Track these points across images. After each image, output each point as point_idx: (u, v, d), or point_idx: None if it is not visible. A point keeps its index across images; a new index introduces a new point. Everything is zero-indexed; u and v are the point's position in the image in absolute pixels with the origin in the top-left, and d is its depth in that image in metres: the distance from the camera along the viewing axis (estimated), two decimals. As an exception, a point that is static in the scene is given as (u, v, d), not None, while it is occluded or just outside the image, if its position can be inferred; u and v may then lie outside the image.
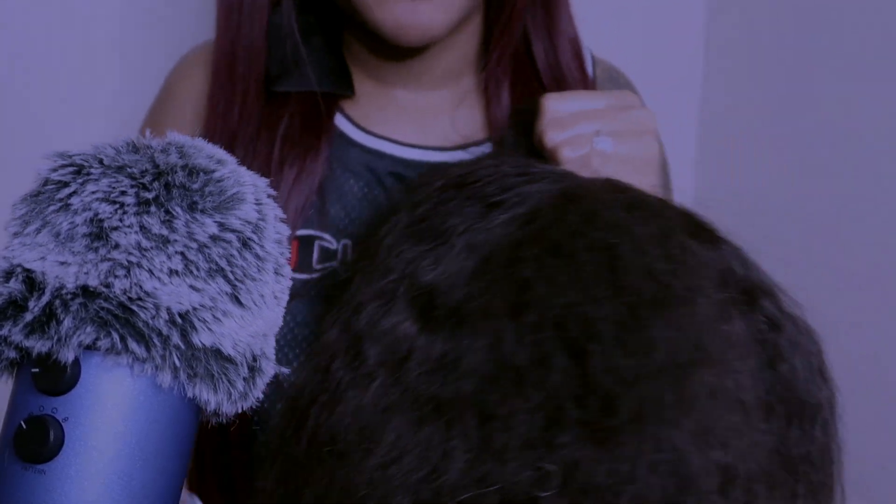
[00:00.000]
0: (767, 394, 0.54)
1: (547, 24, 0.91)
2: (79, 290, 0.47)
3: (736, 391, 0.53)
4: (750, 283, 0.56)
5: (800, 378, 0.55)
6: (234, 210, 0.50)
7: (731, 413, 0.52)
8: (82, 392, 0.47)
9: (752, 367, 0.54)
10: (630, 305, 0.53)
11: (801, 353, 0.55)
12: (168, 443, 0.49)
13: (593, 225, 0.56)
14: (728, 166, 1.33)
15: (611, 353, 0.51)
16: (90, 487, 0.47)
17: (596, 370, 0.51)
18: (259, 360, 0.50)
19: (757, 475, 0.52)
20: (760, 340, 0.55)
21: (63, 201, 0.48)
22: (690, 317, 0.54)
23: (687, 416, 0.51)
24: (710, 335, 0.54)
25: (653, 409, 0.51)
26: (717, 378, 0.53)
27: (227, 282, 0.49)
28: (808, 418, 0.55)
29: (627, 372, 0.51)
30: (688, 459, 0.50)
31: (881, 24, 1.04)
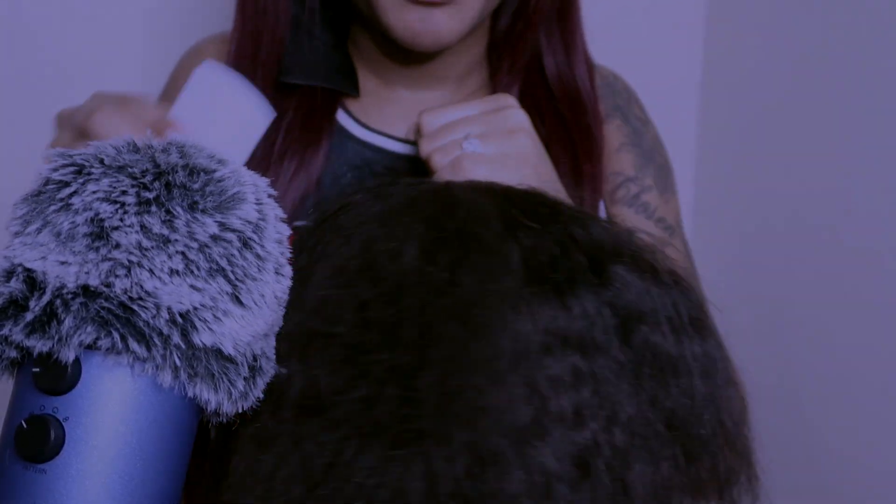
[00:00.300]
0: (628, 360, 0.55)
1: (564, 39, 0.91)
2: (79, 289, 0.47)
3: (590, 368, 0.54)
4: (600, 249, 0.56)
5: (662, 337, 0.56)
6: (234, 210, 0.50)
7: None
8: (83, 391, 0.47)
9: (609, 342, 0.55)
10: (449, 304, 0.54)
11: (662, 307, 0.56)
12: (168, 442, 0.49)
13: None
14: (728, 166, 1.33)
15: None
16: (91, 486, 0.47)
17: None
18: (259, 360, 0.50)
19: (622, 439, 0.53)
20: (613, 306, 0.55)
21: (64, 201, 0.49)
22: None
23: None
24: (561, 317, 0.54)
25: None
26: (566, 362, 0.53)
27: (228, 281, 0.49)
28: (670, 373, 0.55)
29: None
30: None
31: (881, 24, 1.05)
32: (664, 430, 0.54)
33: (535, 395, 0.51)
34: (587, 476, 0.51)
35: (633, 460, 0.52)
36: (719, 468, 0.56)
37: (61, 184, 0.49)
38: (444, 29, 0.80)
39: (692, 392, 0.55)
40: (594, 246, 0.57)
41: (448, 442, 0.50)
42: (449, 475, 0.49)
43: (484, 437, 0.50)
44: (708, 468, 0.56)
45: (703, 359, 0.56)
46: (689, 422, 0.55)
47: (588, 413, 0.51)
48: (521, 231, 0.56)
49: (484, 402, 0.51)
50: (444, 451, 0.49)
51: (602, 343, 0.53)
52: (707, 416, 0.55)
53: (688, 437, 0.55)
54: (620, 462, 0.52)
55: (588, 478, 0.51)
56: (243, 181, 0.51)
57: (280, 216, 0.53)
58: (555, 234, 0.56)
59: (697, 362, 0.56)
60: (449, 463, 0.49)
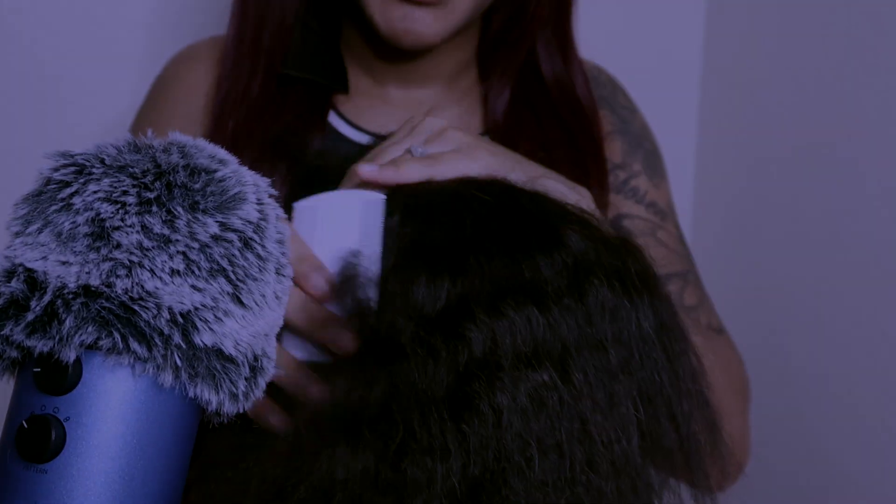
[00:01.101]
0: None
1: (561, 48, 0.91)
2: (80, 289, 0.47)
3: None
4: (550, 215, 0.60)
5: (612, 291, 0.58)
6: (235, 210, 0.50)
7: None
8: (84, 392, 0.47)
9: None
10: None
11: (610, 265, 0.58)
12: (169, 442, 0.49)
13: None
14: (728, 166, 1.33)
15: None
16: (91, 487, 0.47)
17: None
18: (260, 360, 0.50)
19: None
20: (564, 264, 0.57)
21: (65, 201, 0.49)
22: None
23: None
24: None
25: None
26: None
27: (229, 282, 0.49)
28: (623, 321, 0.57)
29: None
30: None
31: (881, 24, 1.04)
32: (620, 373, 0.56)
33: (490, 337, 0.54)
34: (542, 410, 0.53)
35: (589, 397, 0.54)
36: (678, 418, 0.58)
37: (62, 184, 0.49)
38: (426, 29, 0.80)
39: (644, 339, 0.57)
40: (544, 213, 0.60)
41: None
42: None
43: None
44: (666, 415, 0.57)
45: (654, 312, 0.58)
46: (644, 365, 0.57)
47: (544, 353, 0.54)
48: (475, 202, 0.60)
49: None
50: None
51: (554, 294, 0.55)
52: (661, 363, 0.58)
53: (643, 381, 0.57)
54: (576, 399, 0.54)
55: (543, 412, 0.53)
56: (244, 181, 0.51)
57: (281, 216, 0.53)
58: (506, 204, 0.60)
59: (648, 314, 0.58)
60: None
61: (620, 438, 0.55)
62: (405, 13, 0.79)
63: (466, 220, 0.59)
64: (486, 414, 0.53)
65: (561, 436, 0.53)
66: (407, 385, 0.53)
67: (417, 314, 0.55)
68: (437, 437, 0.52)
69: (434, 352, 0.54)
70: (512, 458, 0.53)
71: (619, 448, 0.55)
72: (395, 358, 0.54)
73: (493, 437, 0.53)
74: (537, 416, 0.53)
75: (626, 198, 0.93)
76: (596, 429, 0.54)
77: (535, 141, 0.89)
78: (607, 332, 0.56)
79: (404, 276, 0.57)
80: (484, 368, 0.53)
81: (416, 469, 0.52)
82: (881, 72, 1.05)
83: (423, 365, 0.54)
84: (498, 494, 0.52)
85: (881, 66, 1.05)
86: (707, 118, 1.37)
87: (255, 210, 0.50)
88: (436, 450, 0.52)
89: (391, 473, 0.52)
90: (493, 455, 0.52)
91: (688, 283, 0.94)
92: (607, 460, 0.54)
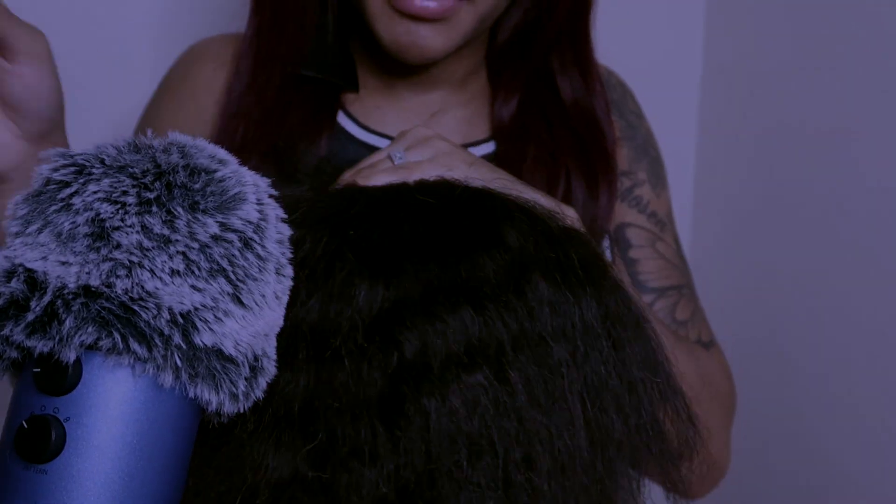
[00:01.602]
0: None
1: (577, 61, 0.91)
2: (80, 289, 0.47)
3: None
4: (491, 213, 0.60)
5: (554, 285, 0.57)
6: (235, 210, 0.50)
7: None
8: (84, 392, 0.47)
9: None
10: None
11: (553, 259, 0.58)
12: (169, 442, 0.49)
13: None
14: (728, 166, 1.33)
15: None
16: (91, 487, 0.47)
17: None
18: (261, 360, 0.50)
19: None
20: (503, 262, 0.57)
21: (64, 201, 0.49)
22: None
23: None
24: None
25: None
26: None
27: (229, 282, 0.49)
28: (565, 316, 0.57)
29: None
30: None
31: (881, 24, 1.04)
32: (563, 367, 0.55)
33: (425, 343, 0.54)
34: (475, 412, 0.53)
35: (526, 394, 0.54)
36: (626, 408, 0.57)
37: (62, 184, 0.49)
38: (430, 45, 0.80)
39: (587, 330, 0.57)
40: (485, 210, 0.59)
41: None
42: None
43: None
44: (614, 407, 0.57)
45: (597, 302, 0.58)
46: (589, 357, 0.56)
47: (479, 353, 0.54)
48: (414, 205, 0.60)
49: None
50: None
51: (491, 293, 0.55)
52: (606, 353, 0.57)
53: (588, 373, 0.56)
54: (512, 396, 0.53)
55: (477, 413, 0.53)
56: (244, 181, 0.51)
57: (281, 216, 0.53)
58: (447, 205, 0.60)
59: (591, 305, 0.57)
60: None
61: (562, 434, 0.54)
62: (408, 29, 0.79)
63: (405, 224, 0.58)
64: (414, 417, 0.52)
65: (494, 436, 0.53)
66: (338, 387, 0.53)
67: (352, 317, 0.54)
68: (368, 441, 0.52)
69: (367, 355, 0.53)
70: (440, 461, 0.52)
71: (561, 444, 0.54)
72: (326, 356, 0.54)
73: (420, 440, 0.52)
74: (470, 417, 0.53)
75: (629, 206, 0.93)
76: (534, 426, 0.53)
77: (544, 147, 0.88)
78: (548, 326, 0.55)
79: (344, 277, 0.56)
80: (412, 371, 0.53)
81: (344, 473, 0.52)
82: (881, 71, 1.05)
83: (356, 368, 0.53)
84: (427, 497, 0.52)
85: (881, 65, 1.05)
86: (707, 118, 1.37)
87: (255, 210, 0.50)
88: (365, 453, 0.52)
89: (319, 476, 0.52)
90: (421, 459, 0.52)
91: (682, 297, 0.94)
92: (548, 458, 0.54)
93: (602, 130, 0.90)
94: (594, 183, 0.88)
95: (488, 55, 0.93)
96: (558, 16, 0.88)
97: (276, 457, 0.53)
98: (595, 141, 0.89)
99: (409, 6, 0.78)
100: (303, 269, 0.55)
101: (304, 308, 0.55)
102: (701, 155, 1.38)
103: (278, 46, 0.87)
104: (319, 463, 0.52)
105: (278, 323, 0.52)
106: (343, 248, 0.56)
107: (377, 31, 0.81)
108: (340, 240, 0.57)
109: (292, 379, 0.54)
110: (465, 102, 0.92)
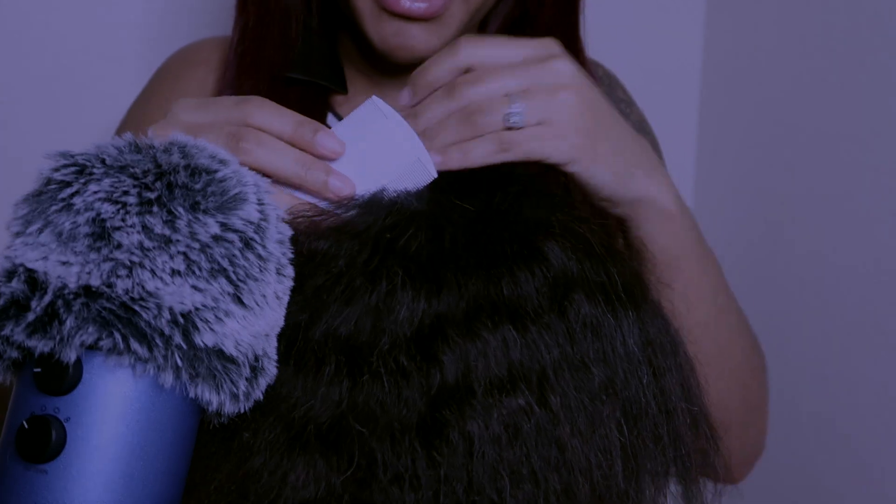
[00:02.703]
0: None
1: (572, 49, 0.91)
2: (81, 289, 0.47)
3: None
4: (532, 225, 0.57)
5: (594, 306, 0.55)
6: (236, 210, 0.50)
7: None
8: (84, 392, 0.47)
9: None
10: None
11: (594, 277, 0.56)
12: (170, 443, 0.49)
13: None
14: (728, 166, 1.33)
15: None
16: (92, 487, 0.47)
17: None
18: (261, 360, 0.50)
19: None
20: (544, 277, 0.55)
21: (65, 201, 0.49)
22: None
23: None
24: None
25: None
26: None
27: (230, 282, 0.49)
28: (606, 340, 0.55)
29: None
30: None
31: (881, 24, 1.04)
32: (602, 394, 0.53)
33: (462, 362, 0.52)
34: (517, 438, 0.51)
35: (567, 422, 0.52)
36: (664, 439, 0.56)
37: (63, 184, 0.49)
38: (420, 44, 0.79)
39: (629, 356, 0.55)
40: (526, 224, 0.57)
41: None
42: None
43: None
44: (652, 437, 0.55)
45: (640, 327, 0.56)
46: (629, 384, 0.54)
47: (520, 376, 0.52)
48: (455, 212, 0.57)
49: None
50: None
51: (533, 312, 0.53)
52: (647, 381, 0.55)
53: (627, 400, 0.54)
54: (553, 424, 0.52)
55: (518, 439, 0.51)
56: (245, 181, 0.51)
57: (281, 216, 0.53)
58: (487, 215, 0.57)
59: (634, 330, 0.55)
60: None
61: (601, 464, 0.53)
62: (398, 28, 0.78)
63: (445, 232, 0.55)
64: (457, 443, 0.50)
65: (536, 464, 0.51)
66: (375, 406, 0.51)
67: (394, 333, 0.52)
68: (408, 467, 0.50)
69: (406, 374, 0.51)
70: (483, 490, 0.51)
71: (600, 474, 0.52)
72: (363, 372, 0.52)
73: (463, 468, 0.50)
74: (511, 444, 0.51)
75: None
76: (574, 456, 0.52)
77: None
78: (590, 350, 0.54)
79: (387, 289, 0.53)
80: (455, 394, 0.51)
81: (384, 498, 0.51)
82: (881, 71, 1.05)
83: (395, 388, 0.51)
84: None
85: (881, 65, 1.05)
86: (707, 118, 1.37)
87: (255, 210, 0.50)
88: (405, 480, 0.50)
89: (354, 501, 0.51)
90: (463, 487, 0.50)
91: None
92: (586, 488, 0.52)
93: None
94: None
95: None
96: (547, 8, 0.88)
97: (305, 473, 0.51)
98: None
99: (397, 6, 0.76)
100: (339, 281, 0.53)
101: (337, 318, 0.53)
102: (701, 155, 1.38)
103: (264, 50, 0.86)
104: (356, 485, 0.51)
105: (279, 323, 0.52)
106: (387, 258, 0.54)
107: (366, 32, 0.80)
108: (382, 250, 0.54)
109: (318, 391, 0.52)
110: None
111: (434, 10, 0.76)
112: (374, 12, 0.79)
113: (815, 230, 1.16)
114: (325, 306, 0.52)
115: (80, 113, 1.16)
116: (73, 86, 1.17)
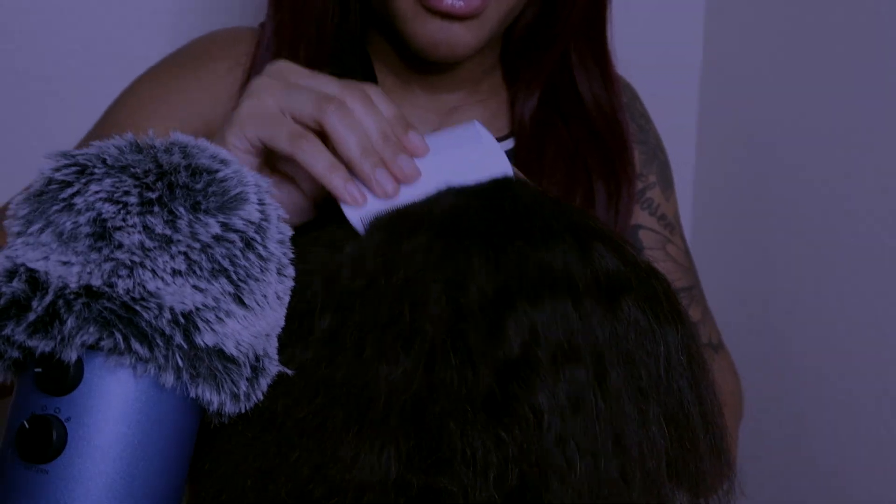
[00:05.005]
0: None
1: (597, 60, 0.91)
2: (82, 289, 0.47)
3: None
4: (582, 228, 0.58)
5: (642, 312, 0.56)
6: (237, 210, 0.50)
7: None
8: (85, 392, 0.47)
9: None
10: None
11: (641, 286, 0.57)
12: (170, 443, 0.49)
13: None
14: (728, 166, 1.33)
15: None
16: (92, 487, 0.47)
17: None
18: (262, 360, 0.50)
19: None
20: (595, 273, 0.56)
21: (66, 201, 0.49)
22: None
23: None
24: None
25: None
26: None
27: (230, 282, 0.49)
28: (650, 341, 0.55)
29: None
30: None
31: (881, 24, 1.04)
32: (649, 393, 0.54)
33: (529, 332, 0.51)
34: (580, 410, 0.51)
35: (621, 405, 0.52)
36: (700, 448, 0.56)
37: (64, 184, 0.49)
38: (460, 41, 0.80)
39: (671, 365, 0.55)
40: (574, 223, 0.57)
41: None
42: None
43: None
44: (689, 446, 0.55)
45: (681, 340, 0.56)
46: (671, 391, 0.55)
47: (582, 350, 0.52)
48: (515, 186, 0.58)
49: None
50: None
51: (586, 290, 0.53)
52: (686, 392, 0.56)
53: (668, 405, 0.55)
54: (611, 401, 0.52)
55: (581, 412, 0.51)
56: (246, 181, 0.51)
57: (282, 216, 0.53)
58: (542, 198, 0.58)
59: (675, 340, 0.56)
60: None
61: (651, 457, 0.52)
62: (441, 26, 0.80)
63: (505, 203, 0.56)
64: (527, 416, 0.49)
65: (596, 441, 0.51)
66: (442, 384, 0.50)
67: (456, 300, 0.51)
68: (478, 447, 0.49)
69: (471, 350, 0.50)
70: (553, 462, 0.49)
71: (652, 465, 0.52)
72: (431, 351, 0.50)
73: (533, 442, 0.49)
74: (574, 416, 0.50)
75: (641, 208, 0.94)
76: (629, 441, 0.52)
77: (564, 145, 0.89)
78: (636, 350, 0.54)
79: (447, 254, 0.53)
80: (523, 366, 0.50)
81: (453, 482, 0.49)
82: (881, 71, 1.05)
83: (462, 365, 0.50)
84: (539, 502, 0.49)
85: (881, 65, 1.05)
86: (707, 118, 1.37)
87: (256, 210, 0.51)
88: (475, 459, 0.49)
89: (423, 484, 0.49)
90: (534, 460, 0.49)
91: (693, 300, 0.94)
92: (639, 474, 0.52)
93: (622, 129, 0.90)
94: (615, 182, 0.88)
95: (504, 54, 0.93)
96: (575, 13, 0.88)
97: (375, 458, 0.49)
98: (615, 140, 0.90)
99: (440, 4, 0.78)
100: (406, 265, 0.53)
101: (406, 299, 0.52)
102: (701, 155, 1.38)
103: (297, 48, 0.87)
104: (421, 467, 0.49)
105: (280, 323, 0.52)
106: (456, 235, 0.54)
107: (408, 30, 0.81)
108: (448, 232, 0.54)
109: (391, 374, 0.50)
110: (482, 102, 0.92)
111: (474, 9, 0.78)
112: (416, 11, 0.80)
113: (815, 230, 1.16)
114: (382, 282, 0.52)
115: (81, 113, 1.16)
116: (74, 86, 1.17)
